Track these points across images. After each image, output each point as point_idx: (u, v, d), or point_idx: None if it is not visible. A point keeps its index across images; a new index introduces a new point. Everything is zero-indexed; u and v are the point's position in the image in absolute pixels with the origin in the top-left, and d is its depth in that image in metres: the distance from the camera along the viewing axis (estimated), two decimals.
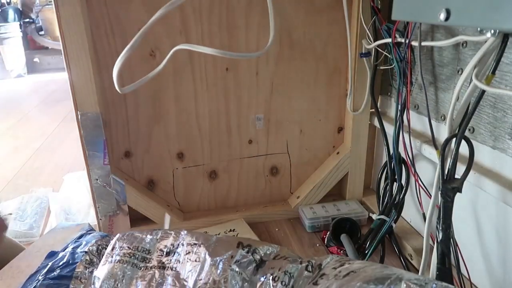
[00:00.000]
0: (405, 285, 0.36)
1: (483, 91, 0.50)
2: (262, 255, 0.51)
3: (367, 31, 0.75)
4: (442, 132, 0.65)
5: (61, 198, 1.03)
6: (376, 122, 0.81)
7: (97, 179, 0.76)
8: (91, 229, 0.70)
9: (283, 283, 0.46)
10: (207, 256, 0.51)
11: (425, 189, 0.67)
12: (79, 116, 0.72)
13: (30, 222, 0.93)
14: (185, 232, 0.57)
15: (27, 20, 3.43)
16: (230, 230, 0.82)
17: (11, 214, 0.95)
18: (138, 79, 0.72)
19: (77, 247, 0.60)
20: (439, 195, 0.53)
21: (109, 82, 0.75)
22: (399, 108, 0.69)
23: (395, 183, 0.73)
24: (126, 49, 0.63)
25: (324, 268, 0.46)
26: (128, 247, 0.56)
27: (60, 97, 2.43)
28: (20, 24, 3.27)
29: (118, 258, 0.54)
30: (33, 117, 2.05)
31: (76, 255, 0.58)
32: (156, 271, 0.53)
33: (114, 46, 0.73)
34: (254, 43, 0.77)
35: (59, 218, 0.95)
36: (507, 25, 0.39)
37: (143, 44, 0.71)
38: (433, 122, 0.66)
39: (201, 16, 0.74)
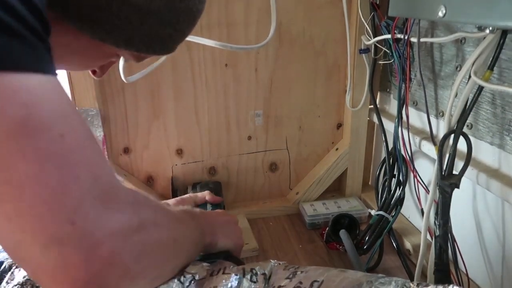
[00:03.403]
0: None
1: (482, 88, 0.51)
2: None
3: (366, 27, 0.75)
4: (441, 128, 0.65)
5: None
6: (375, 118, 0.81)
7: None
8: None
9: None
10: None
11: (423, 185, 0.67)
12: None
13: None
14: None
15: None
16: None
17: None
18: (136, 70, 0.72)
19: None
20: (437, 190, 0.54)
21: (108, 77, 0.75)
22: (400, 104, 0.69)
23: (393, 179, 0.73)
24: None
25: (273, 276, 0.43)
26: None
27: None
28: None
29: None
30: None
31: None
32: None
33: None
34: (253, 40, 0.77)
35: None
36: (504, 22, 0.39)
37: None
38: (432, 118, 0.66)
39: None
